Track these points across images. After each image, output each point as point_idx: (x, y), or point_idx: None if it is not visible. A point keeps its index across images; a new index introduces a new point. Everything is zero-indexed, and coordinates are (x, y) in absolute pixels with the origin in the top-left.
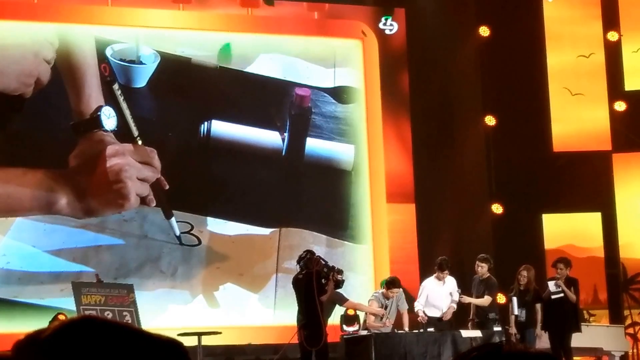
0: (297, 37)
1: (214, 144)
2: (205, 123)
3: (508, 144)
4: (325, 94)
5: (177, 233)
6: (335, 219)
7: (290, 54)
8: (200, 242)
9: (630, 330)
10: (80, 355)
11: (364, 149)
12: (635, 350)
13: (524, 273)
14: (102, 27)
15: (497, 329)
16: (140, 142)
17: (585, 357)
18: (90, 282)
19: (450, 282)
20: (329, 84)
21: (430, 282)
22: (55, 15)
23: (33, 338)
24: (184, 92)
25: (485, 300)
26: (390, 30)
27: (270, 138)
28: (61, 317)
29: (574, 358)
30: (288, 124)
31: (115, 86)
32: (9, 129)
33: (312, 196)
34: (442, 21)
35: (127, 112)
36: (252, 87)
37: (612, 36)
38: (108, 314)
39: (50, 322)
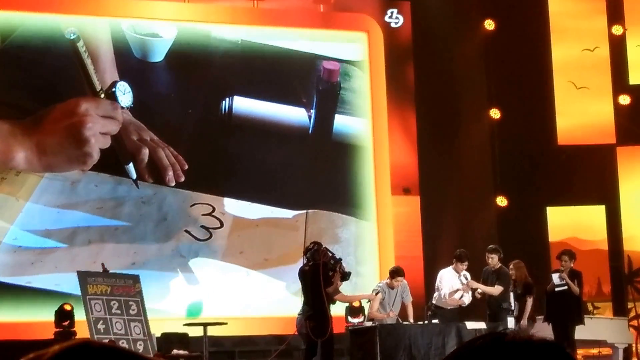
0: (303, 30)
1: (236, 122)
2: (227, 99)
3: (513, 136)
4: (355, 67)
5: (134, 176)
6: (365, 201)
7: (295, 47)
8: (222, 225)
9: (634, 323)
10: None
11: (369, 141)
12: (638, 343)
13: (512, 269)
14: (107, 19)
15: (510, 319)
16: (102, 96)
17: (589, 349)
18: (96, 272)
19: (465, 272)
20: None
21: (448, 273)
22: (71, 6)
23: None
24: (205, 67)
25: (496, 289)
26: (396, 23)
27: (296, 115)
28: (67, 306)
29: (577, 350)
30: (315, 99)
31: (80, 43)
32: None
33: (341, 177)
34: (447, 14)
35: (90, 68)
36: (277, 61)
37: (617, 30)
38: (114, 304)
39: (55, 312)
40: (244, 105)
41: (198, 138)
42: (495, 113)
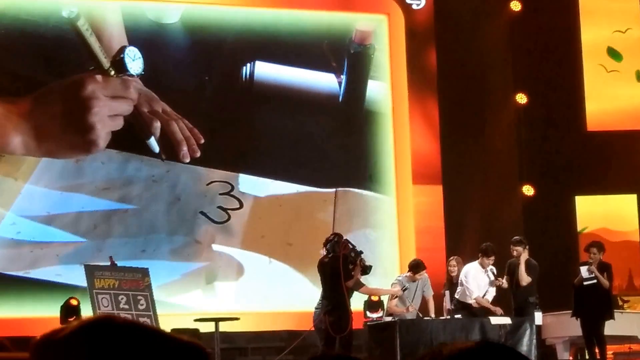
0: (320, 12)
1: (258, 90)
2: (248, 65)
3: (540, 123)
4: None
5: (157, 150)
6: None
7: (311, 31)
8: (241, 206)
9: None
10: (98, 358)
11: (389, 128)
12: None
13: (453, 263)
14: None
15: (537, 313)
16: (112, 74)
17: (619, 345)
18: (103, 266)
19: (491, 269)
20: None
21: (474, 269)
22: None
23: (49, 338)
24: (224, 29)
25: (525, 279)
26: (418, 4)
27: (325, 81)
28: (73, 301)
29: (607, 346)
30: (346, 64)
31: (81, 21)
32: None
33: (375, 150)
34: None
35: (95, 46)
36: (303, 23)
37: None
38: (122, 298)
39: (61, 307)
40: (266, 71)
41: (216, 109)
42: (521, 98)
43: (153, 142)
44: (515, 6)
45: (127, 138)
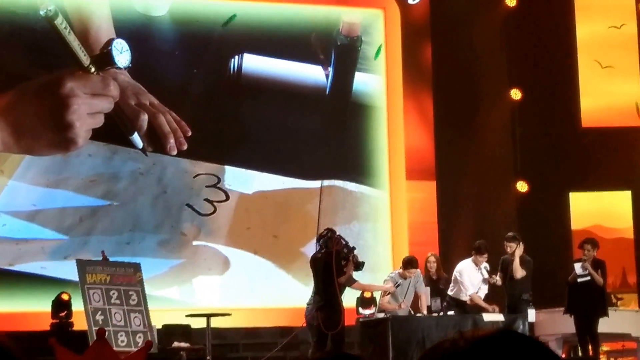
0: (316, 7)
1: (245, 82)
2: (236, 57)
3: (534, 118)
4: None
5: (140, 146)
6: (382, 170)
7: (299, 23)
8: (228, 198)
9: None
10: None
11: (384, 123)
12: None
13: (432, 259)
14: None
15: (530, 310)
16: (93, 71)
17: (613, 343)
18: (95, 260)
19: (485, 267)
20: None
21: (467, 267)
22: None
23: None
24: (212, 21)
25: (520, 272)
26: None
27: (312, 74)
28: (64, 296)
29: (601, 344)
30: (333, 56)
31: (59, 20)
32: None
33: (361, 143)
34: None
35: (74, 44)
36: (291, 15)
37: None
38: (113, 293)
39: (52, 301)
40: (254, 63)
41: (203, 101)
42: (516, 94)
43: (136, 138)
44: (511, 2)
45: (114, 130)
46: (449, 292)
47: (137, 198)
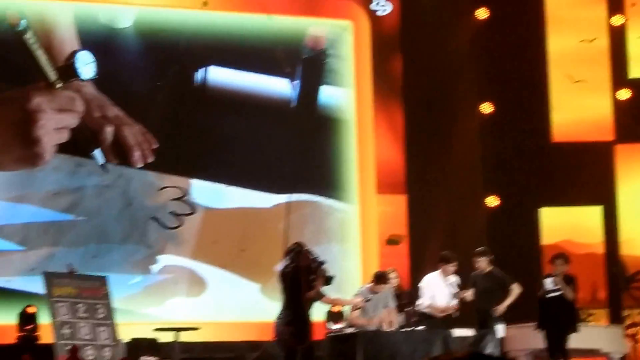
0: (284, 18)
1: (211, 95)
2: (201, 70)
3: (505, 133)
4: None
5: (101, 162)
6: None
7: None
8: (193, 211)
9: (631, 331)
10: None
11: (354, 136)
12: (634, 353)
13: (394, 275)
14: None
15: (500, 326)
16: (59, 87)
17: (583, 358)
18: (62, 273)
19: (452, 277)
20: None
21: (435, 279)
22: None
23: None
24: (177, 33)
25: (516, 290)
26: (384, 11)
27: (278, 86)
28: (30, 309)
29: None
30: (299, 69)
31: (29, 34)
32: None
33: (331, 157)
34: (437, 2)
35: (42, 59)
36: (258, 27)
37: (617, 20)
38: (80, 307)
39: (19, 314)
40: (220, 76)
41: (169, 113)
42: (487, 107)
43: (98, 154)
44: (483, 14)
45: (78, 143)
46: (418, 306)
47: (102, 211)
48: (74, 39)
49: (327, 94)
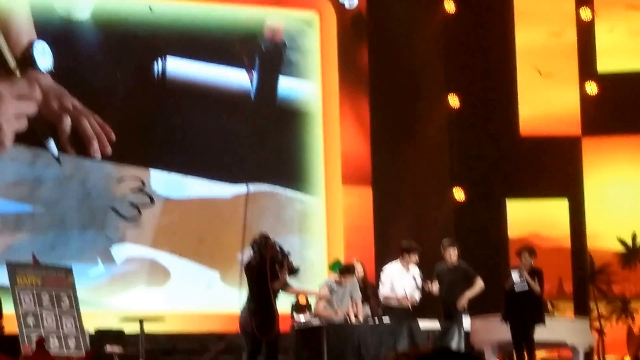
0: (247, 8)
1: (169, 86)
2: (160, 61)
3: (472, 126)
4: (305, 27)
5: (55, 153)
6: (313, 175)
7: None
8: (153, 202)
9: (596, 324)
10: None
11: (319, 128)
12: (600, 345)
13: (359, 268)
14: None
15: (466, 319)
16: (18, 74)
17: (548, 350)
18: (26, 263)
19: (414, 267)
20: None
21: (394, 269)
22: None
23: None
24: (134, 24)
25: (479, 285)
26: (350, 4)
27: (237, 78)
28: None
29: (537, 352)
30: (258, 61)
31: None
32: None
33: (296, 149)
34: None
35: (3, 47)
36: (217, 18)
37: (585, 14)
38: (45, 296)
39: None
40: (178, 67)
41: (127, 105)
42: (453, 100)
43: (52, 146)
44: (450, 6)
45: (36, 134)
46: (380, 297)
47: (61, 202)
48: (31, 30)
49: (287, 86)
